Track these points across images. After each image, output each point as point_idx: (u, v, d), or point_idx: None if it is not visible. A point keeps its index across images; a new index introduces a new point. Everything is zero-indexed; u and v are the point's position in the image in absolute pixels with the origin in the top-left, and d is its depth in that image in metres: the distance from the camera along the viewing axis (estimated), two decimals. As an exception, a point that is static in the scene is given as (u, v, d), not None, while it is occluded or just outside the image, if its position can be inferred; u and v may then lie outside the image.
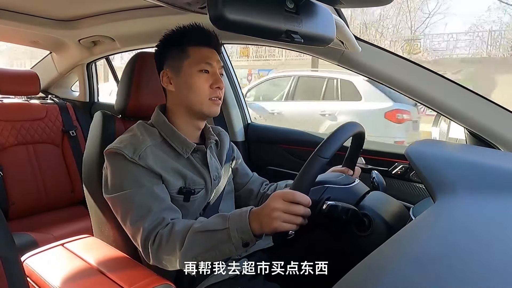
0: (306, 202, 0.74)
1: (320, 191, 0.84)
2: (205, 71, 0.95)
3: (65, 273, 0.87)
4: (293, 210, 0.73)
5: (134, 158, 0.89)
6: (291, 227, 0.74)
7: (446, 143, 1.21)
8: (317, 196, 0.83)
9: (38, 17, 1.61)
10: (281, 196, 0.74)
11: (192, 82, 0.94)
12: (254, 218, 0.77)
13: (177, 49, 0.96)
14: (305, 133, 1.67)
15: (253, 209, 0.79)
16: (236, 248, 0.78)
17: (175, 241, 0.81)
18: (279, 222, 0.73)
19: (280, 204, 0.73)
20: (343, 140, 0.80)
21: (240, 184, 1.18)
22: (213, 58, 0.97)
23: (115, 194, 0.90)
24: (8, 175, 1.79)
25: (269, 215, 0.74)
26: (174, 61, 0.97)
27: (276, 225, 0.73)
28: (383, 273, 0.46)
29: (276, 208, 0.73)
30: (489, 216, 0.61)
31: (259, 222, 0.76)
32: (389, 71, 1.14)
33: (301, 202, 0.74)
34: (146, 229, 0.85)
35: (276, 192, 0.77)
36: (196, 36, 0.97)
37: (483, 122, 1.06)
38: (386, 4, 0.71)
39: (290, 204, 0.74)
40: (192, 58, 0.95)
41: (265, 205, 0.76)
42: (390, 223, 0.80)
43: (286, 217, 0.73)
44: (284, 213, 0.73)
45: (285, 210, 0.73)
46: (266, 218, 0.75)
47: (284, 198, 0.74)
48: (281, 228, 0.74)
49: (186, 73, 0.95)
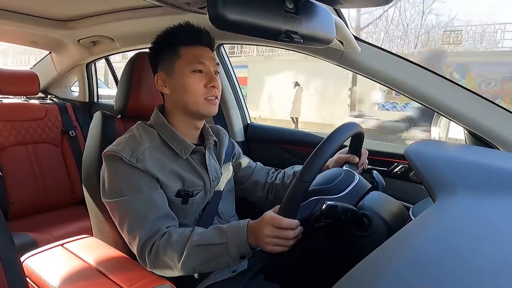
0: (293, 226, 0.76)
1: (311, 206, 0.83)
2: (198, 70, 0.93)
3: (64, 273, 0.87)
4: (282, 235, 0.75)
5: (131, 161, 0.88)
6: (283, 249, 0.77)
7: (446, 143, 1.21)
8: (308, 212, 0.82)
9: (38, 17, 1.61)
10: (269, 222, 0.76)
11: (185, 83, 0.92)
12: (251, 233, 0.79)
13: (169, 50, 0.95)
14: (305, 133, 1.67)
15: (250, 224, 0.81)
16: (233, 260, 0.80)
17: (173, 253, 0.82)
18: (271, 246, 0.76)
19: (270, 231, 0.75)
20: (326, 158, 0.78)
21: (244, 177, 1.17)
22: (206, 57, 0.94)
23: (112, 200, 0.89)
24: (7, 175, 1.79)
25: (262, 239, 0.77)
26: (166, 63, 0.95)
27: (269, 248, 0.77)
28: (383, 273, 0.46)
29: (267, 234, 0.76)
30: (488, 216, 0.61)
31: (255, 239, 0.78)
32: (389, 71, 1.14)
33: (289, 227, 0.75)
34: (142, 239, 0.85)
35: (266, 214, 0.78)
36: (186, 35, 0.94)
37: (483, 122, 1.06)
38: (386, 4, 0.71)
39: (279, 230, 0.75)
40: (183, 58, 0.93)
41: (258, 226, 0.78)
42: (390, 223, 0.80)
43: (277, 242, 0.76)
44: (275, 238, 0.75)
45: (275, 236, 0.75)
46: (260, 240, 0.77)
47: (273, 224, 0.76)
48: (274, 251, 0.77)
49: (179, 75, 0.93)
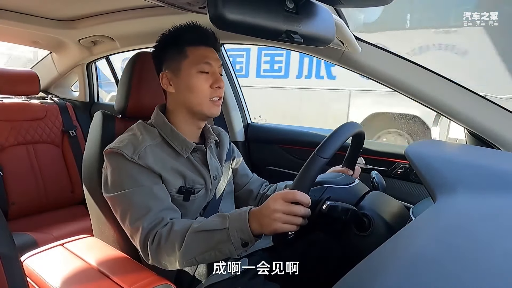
0: (307, 201, 0.74)
1: (320, 191, 0.84)
2: (204, 71, 0.94)
3: (65, 273, 0.87)
4: (293, 211, 0.73)
5: (133, 157, 0.89)
6: (291, 227, 0.74)
7: (446, 143, 1.21)
8: (317, 196, 0.82)
9: (38, 17, 1.61)
10: (281, 197, 0.74)
11: (192, 83, 0.93)
12: (254, 218, 0.77)
13: (175, 49, 0.95)
14: (305, 133, 1.67)
15: (253, 209, 0.79)
16: (235, 248, 0.78)
17: (174, 240, 0.81)
18: (279, 223, 0.73)
19: (280, 205, 0.73)
20: (343, 140, 0.79)
21: (240, 185, 1.18)
22: (212, 57, 0.96)
23: (114, 194, 0.89)
24: (8, 175, 1.80)
25: (269, 216, 0.74)
26: (172, 62, 0.96)
27: (276, 226, 0.74)
28: (383, 273, 0.46)
29: (277, 209, 0.73)
30: (489, 216, 0.61)
31: (259, 223, 0.76)
32: (389, 71, 1.14)
33: (301, 202, 0.74)
34: (145, 228, 0.84)
35: (276, 193, 0.77)
36: (193, 35, 0.95)
37: (483, 122, 1.06)
38: (386, 4, 0.71)
39: (291, 204, 0.73)
40: (190, 58, 0.94)
41: (264, 206, 0.76)
42: (390, 223, 0.80)
43: (286, 218, 0.73)
44: (284, 214, 0.73)
45: (286, 211, 0.73)
46: (266, 219, 0.75)
47: (285, 199, 0.74)
48: (281, 229, 0.74)
49: (185, 74, 0.94)
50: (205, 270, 0.95)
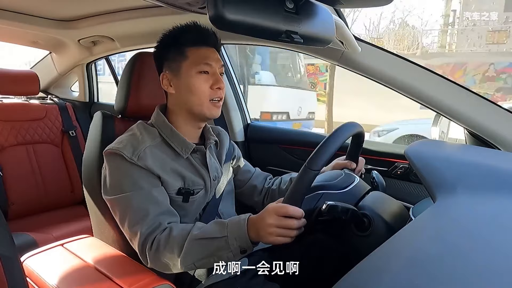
0: (299, 215, 0.75)
1: (315, 199, 0.84)
2: (204, 72, 0.93)
3: (64, 274, 0.87)
4: (286, 225, 0.75)
5: (133, 158, 0.89)
6: (286, 240, 0.75)
7: (446, 143, 1.21)
8: (312, 205, 0.82)
9: (38, 17, 1.61)
10: (274, 211, 0.75)
11: (192, 84, 0.93)
12: (252, 226, 0.79)
13: (175, 50, 0.95)
14: (305, 133, 1.68)
15: (251, 217, 0.80)
16: (234, 255, 0.80)
17: (173, 247, 0.81)
18: (274, 236, 0.75)
19: (274, 220, 0.75)
20: (334, 150, 0.78)
21: (243, 181, 1.17)
22: (212, 58, 0.95)
23: (113, 196, 0.89)
24: (7, 175, 1.79)
25: (264, 230, 0.76)
26: (172, 63, 0.95)
27: (271, 239, 0.75)
28: (383, 273, 0.46)
29: (271, 223, 0.75)
30: (488, 216, 0.61)
31: (256, 232, 0.78)
32: (389, 71, 1.14)
33: (293, 216, 0.75)
34: (143, 234, 0.85)
35: (270, 205, 0.78)
36: (193, 36, 0.94)
37: (483, 122, 1.06)
38: (386, 4, 0.71)
39: (283, 218, 0.75)
40: (190, 59, 0.93)
41: (260, 217, 0.78)
42: (390, 223, 0.80)
43: (280, 232, 0.75)
44: (278, 228, 0.75)
45: (279, 225, 0.75)
46: (262, 231, 0.76)
47: (277, 213, 0.75)
48: (276, 242, 0.76)
49: (185, 75, 0.93)
50: (205, 270, 0.95)
